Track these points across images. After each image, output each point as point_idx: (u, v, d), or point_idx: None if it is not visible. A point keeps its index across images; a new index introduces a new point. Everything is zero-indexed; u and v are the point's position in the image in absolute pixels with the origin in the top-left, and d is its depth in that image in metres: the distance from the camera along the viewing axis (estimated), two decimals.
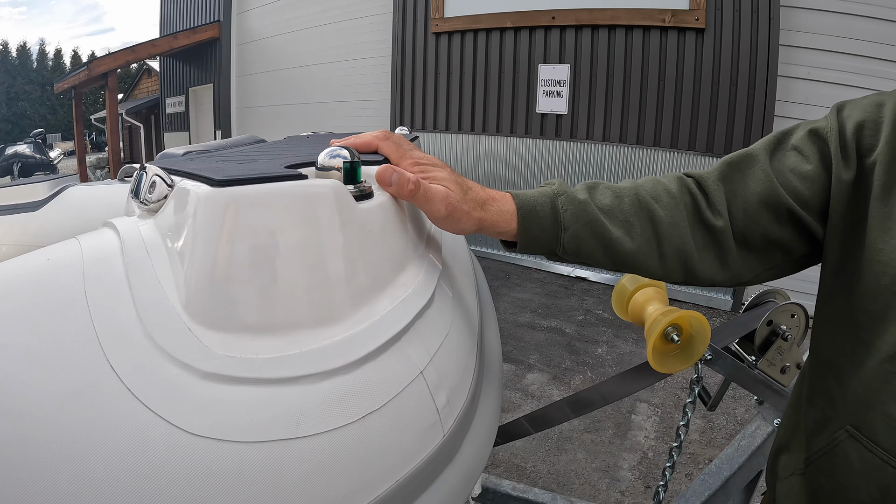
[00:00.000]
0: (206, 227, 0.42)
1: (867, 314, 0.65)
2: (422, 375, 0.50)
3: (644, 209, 0.70)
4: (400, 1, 6.12)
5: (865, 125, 0.68)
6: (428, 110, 6.13)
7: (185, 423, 0.38)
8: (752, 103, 4.72)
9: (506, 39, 5.58)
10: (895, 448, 0.61)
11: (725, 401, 3.30)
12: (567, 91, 5.44)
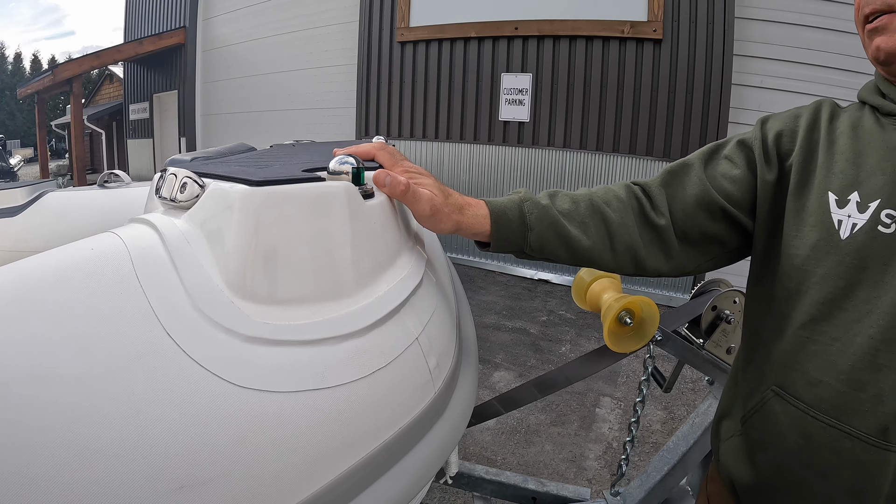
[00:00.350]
0: (246, 218, 0.51)
1: (785, 291, 0.77)
2: (417, 341, 0.60)
3: (597, 212, 0.81)
4: (366, 10, 6.20)
5: (784, 134, 0.81)
6: (393, 118, 6.22)
7: (232, 377, 0.46)
8: (708, 110, 4.97)
9: (469, 49, 5.72)
10: (813, 401, 0.72)
11: (685, 393, 3.48)
12: (529, 99, 5.61)
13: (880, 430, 0.66)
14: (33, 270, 0.52)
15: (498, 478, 1.55)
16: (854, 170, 0.73)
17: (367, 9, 6.19)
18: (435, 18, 5.78)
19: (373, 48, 6.20)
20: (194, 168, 0.62)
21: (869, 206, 0.70)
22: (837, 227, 0.72)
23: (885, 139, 0.72)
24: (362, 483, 0.51)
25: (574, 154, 5.50)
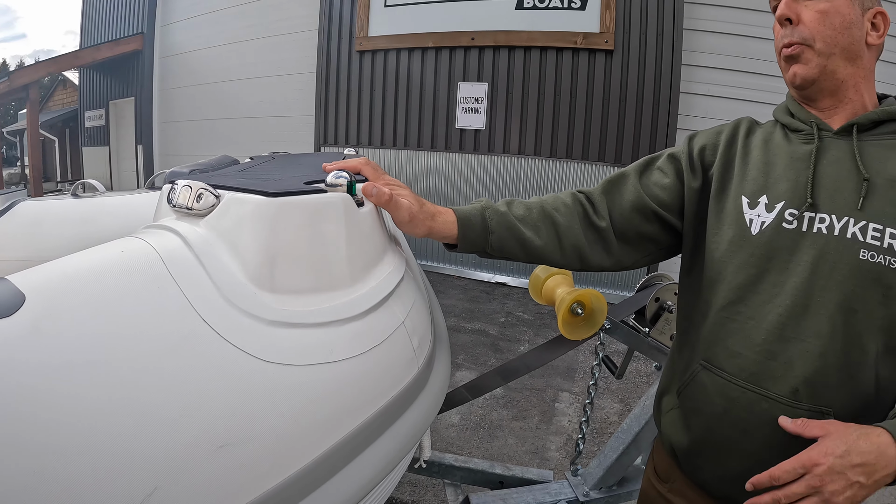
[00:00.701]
0: (265, 223, 0.61)
1: (708, 280, 0.90)
2: (403, 325, 0.72)
3: (548, 217, 0.94)
4: (325, 19, 6.23)
5: (707, 148, 0.96)
6: (351, 126, 6.28)
7: (259, 354, 0.57)
8: (657, 117, 5.22)
9: (427, 58, 5.84)
10: (734, 370, 0.84)
11: (640, 386, 3.68)
12: (485, 108, 5.75)
13: (791, 392, 0.78)
14: (69, 271, 0.60)
15: (466, 464, 1.67)
16: (764, 177, 0.87)
17: (326, 18, 6.23)
18: (393, 28, 5.87)
19: (332, 57, 6.25)
20: (206, 180, 0.72)
21: (775, 206, 0.83)
22: (749, 224, 0.85)
23: (790, 151, 0.86)
24: (365, 441, 0.63)
25: (529, 160, 5.67)
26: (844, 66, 0.83)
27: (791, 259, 0.81)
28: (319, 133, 6.42)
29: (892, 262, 0.75)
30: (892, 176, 0.78)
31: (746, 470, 0.81)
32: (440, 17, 5.67)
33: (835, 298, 0.78)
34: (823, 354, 0.78)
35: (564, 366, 3.92)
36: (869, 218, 0.77)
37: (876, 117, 0.82)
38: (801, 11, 0.83)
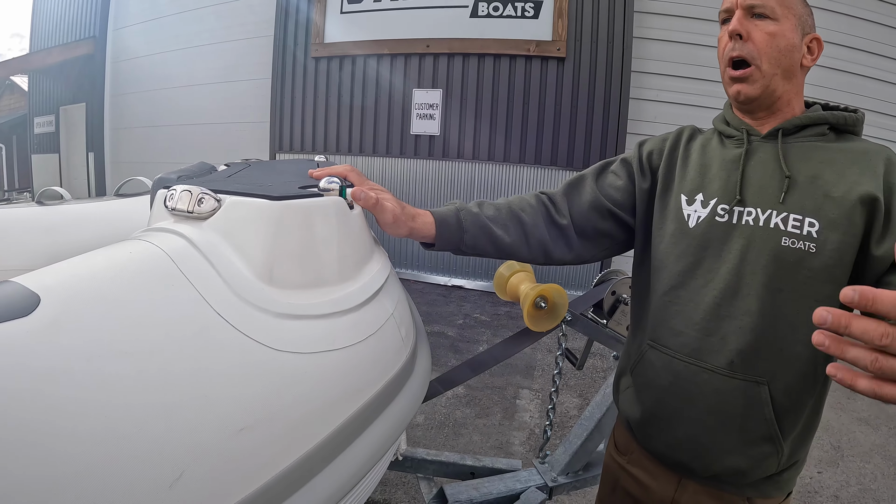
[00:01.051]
0: (271, 224, 0.66)
1: (654, 269, 1.01)
2: (392, 317, 0.78)
3: (515, 216, 1.03)
4: (280, 25, 6.20)
5: (654, 152, 1.07)
6: (307, 132, 6.26)
7: (270, 343, 0.62)
8: (607, 123, 5.43)
9: (382, 65, 5.90)
10: (677, 347, 0.94)
11: (597, 381, 3.83)
12: (439, 114, 5.85)
13: (728, 363, 0.88)
14: (80, 272, 0.64)
15: (438, 458, 1.73)
16: (700, 178, 0.97)
17: (281, 24, 6.19)
18: (349, 35, 5.91)
19: (287, 63, 6.21)
20: (207, 185, 0.76)
21: (709, 202, 0.94)
22: (687, 219, 0.96)
23: (723, 154, 0.97)
24: (366, 422, 0.69)
25: (482, 165, 5.79)
26: (782, 85, 0.92)
27: (723, 248, 0.91)
28: (275, 139, 6.36)
29: (812, 248, 0.85)
30: (811, 173, 0.88)
31: (692, 436, 0.93)
32: (396, 24, 5.74)
33: (761, 280, 0.87)
34: (754, 329, 0.87)
35: (523, 364, 4.04)
36: (790, 210, 0.86)
37: (799, 122, 0.92)
38: (752, 30, 0.91)
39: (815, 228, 0.85)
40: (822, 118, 0.92)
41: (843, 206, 0.84)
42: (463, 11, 5.58)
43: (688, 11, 5.34)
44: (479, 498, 1.52)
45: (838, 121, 0.92)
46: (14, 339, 0.53)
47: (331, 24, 5.99)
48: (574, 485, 1.64)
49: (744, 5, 0.91)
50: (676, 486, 0.99)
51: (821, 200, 0.86)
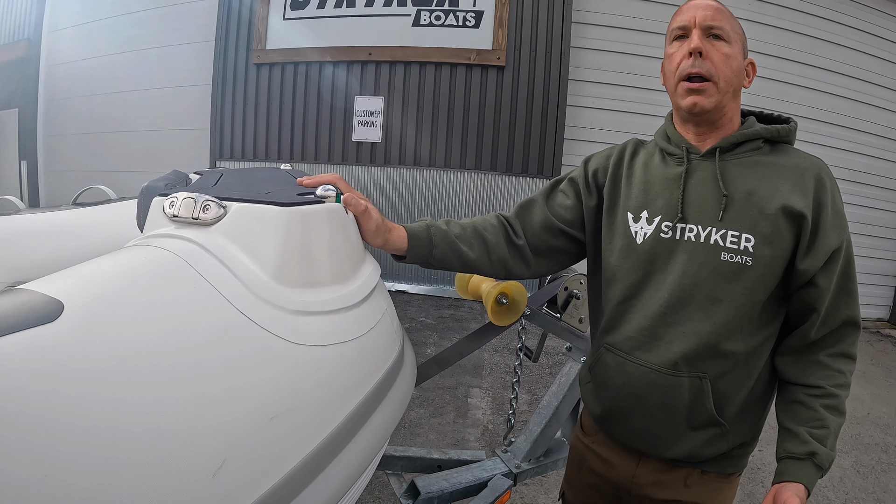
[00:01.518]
0: (282, 229, 0.72)
1: (605, 280, 1.10)
2: (386, 311, 0.85)
3: (479, 235, 1.10)
4: (222, 30, 6.07)
5: (599, 171, 1.14)
6: (248, 139, 6.15)
7: (289, 337, 0.68)
8: (545, 129, 5.65)
9: (324, 72, 5.90)
10: (629, 349, 1.03)
11: (544, 377, 3.99)
12: (381, 121, 5.91)
13: (673, 364, 0.97)
14: (98, 277, 0.67)
15: (406, 454, 1.78)
16: (644, 195, 1.04)
17: (223, 29, 6.07)
18: (291, 42, 5.87)
19: (228, 69, 6.08)
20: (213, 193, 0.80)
21: (654, 220, 1.01)
22: (634, 236, 1.03)
23: (665, 173, 1.03)
24: (373, 406, 0.75)
25: (423, 171, 5.88)
26: (729, 102, 0.99)
27: (669, 262, 0.99)
28: (215, 147, 6.20)
29: (748, 261, 0.93)
30: (747, 189, 0.95)
31: (646, 428, 1.03)
32: (339, 31, 5.76)
33: (703, 291, 0.96)
34: (697, 334, 0.96)
35: (472, 364, 4.14)
36: (727, 227, 0.94)
37: (735, 140, 0.99)
38: (710, 49, 0.96)
39: (751, 244, 0.93)
40: (756, 133, 0.99)
41: (775, 223, 0.92)
42: (405, 20, 5.67)
43: (623, 23, 5.68)
44: (450, 488, 1.58)
45: (772, 134, 0.99)
46: (47, 342, 0.55)
47: (273, 30, 5.93)
48: (536, 470, 1.73)
49: (702, 26, 0.96)
50: (637, 463, 1.08)
51: (756, 217, 0.93)
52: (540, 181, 5.69)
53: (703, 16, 0.96)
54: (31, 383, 0.51)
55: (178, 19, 6.54)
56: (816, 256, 0.93)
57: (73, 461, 0.49)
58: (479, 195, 5.84)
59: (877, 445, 3.34)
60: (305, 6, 5.85)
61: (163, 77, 6.63)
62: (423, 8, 5.65)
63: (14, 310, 0.59)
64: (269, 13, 5.92)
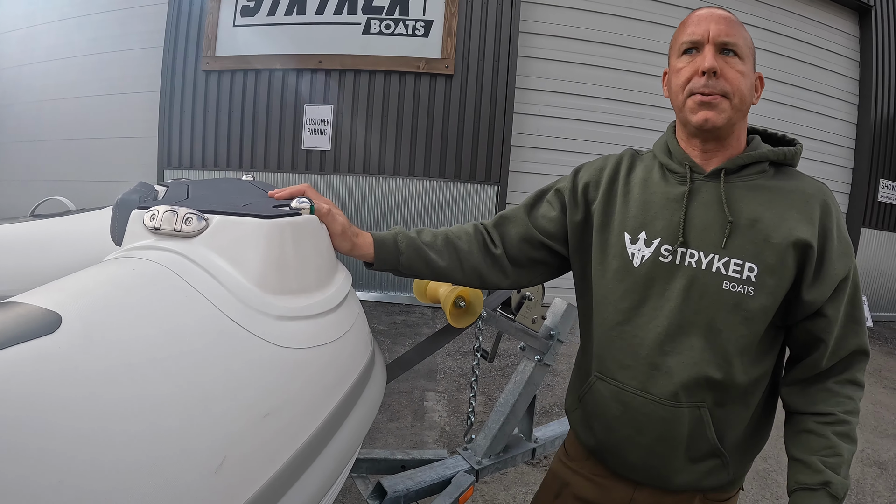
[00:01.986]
0: (265, 240, 0.77)
1: (597, 303, 1.03)
2: (359, 315, 0.92)
3: (451, 244, 1.08)
4: (171, 36, 5.94)
5: (590, 184, 1.07)
6: (196, 147, 6.02)
7: (276, 341, 0.73)
8: (493, 136, 5.80)
9: (274, 80, 5.87)
10: (625, 379, 0.97)
11: (497, 379, 4.10)
12: (330, 129, 5.92)
13: (672, 395, 0.93)
14: (92, 288, 0.70)
15: (370, 455, 1.84)
16: (643, 215, 0.97)
17: (172, 35, 5.94)
18: (241, 49, 5.82)
19: (177, 75, 5.95)
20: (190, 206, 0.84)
21: (653, 242, 0.95)
22: (631, 258, 0.97)
23: (666, 191, 0.97)
24: (353, 401, 0.81)
25: (373, 179, 5.93)
26: (739, 119, 0.94)
27: (667, 287, 0.94)
28: (163, 155, 6.04)
29: (750, 291, 0.89)
30: (752, 216, 0.90)
31: (644, 460, 0.98)
32: (288, 39, 5.75)
33: (703, 320, 0.91)
34: (696, 364, 0.92)
35: (426, 369, 4.20)
36: (731, 255, 0.90)
37: (742, 162, 0.94)
38: (724, 67, 0.90)
39: (754, 273, 0.89)
40: (763, 156, 0.94)
41: (780, 253, 0.89)
42: (355, 28, 5.72)
43: (568, 32, 5.92)
44: (415, 486, 1.64)
45: (778, 157, 0.95)
46: (51, 352, 0.58)
47: (223, 37, 5.85)
48: (497, 466, 1.82)
49: (716, 41, 0.90)
50: (634, 489, 1.04)
51: (761, 245, 0.89)
52: (488, 188, 5.84)
53: (717, 30, 0.90)
54: (40, 391, 0.54)
55: (127, 24, 6.36)
56: (823, 287, 0.90)
57: (86, 465, 0.52)
58: (428, 202, 5.93)
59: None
60: (256, 13, 5.81)
61: (109, 83, 6.41)
62: (373, 17, 5.71)
63: (12, 322, 0.62)
64: (220, 19, 5.85)
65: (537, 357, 1.81)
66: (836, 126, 7.13)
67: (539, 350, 1.80)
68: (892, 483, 3.01)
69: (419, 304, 5.91)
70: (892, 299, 7.87)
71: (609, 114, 6.01)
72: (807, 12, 6.78)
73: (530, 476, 2.78)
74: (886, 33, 7.17)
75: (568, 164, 5.91)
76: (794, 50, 6.68)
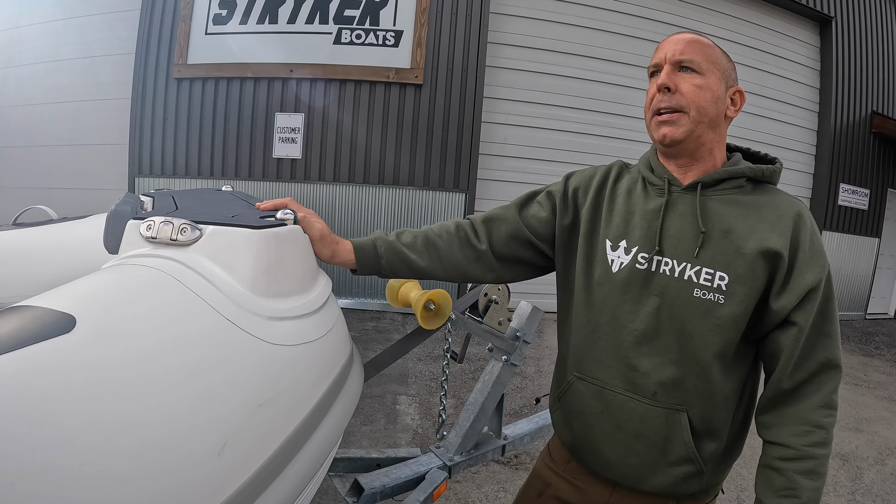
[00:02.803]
0: (255, 248, 0.85)
1: (576, 303, 1.07)
2: (339, 316, 1.00)
3: (431, 243, 1.12)
4: (143, 43, 5.91)
5: (579, 190, 1.11)
6: (167, 155, 5.98)
7: (268, 339, 0.81)
8: (461, 144, 5.92)
9: (246, 88, 5.89)
10: (605, 378, 1.01)
11: (468, 382, 4.19)
12: (301, 137, 5.97)
13: (652, 394, 0.97)
14: (100, 292, 0.77)
15: (346, 455, 1.90)
16: (624, 225, 1.02)
17: (144, 42, 5.91)
18: (213, 57, 5.82)
19: (148, 83, 5.91)
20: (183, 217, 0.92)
21: (631, 250, 1.00)
22: (611, 264, 1.02)
23: (646, 203, 1.02)
24: (335, 393, 0.90)
25: (343, 187, 6.00)
26: (706, 133, 0.97)
27: (643, 293, 0.99)
28: (133, 163, 5.97)
29: (721, 299, 0.92)
30: (725, 227, 0.94)
31: (621, 457, 1.02)
32: (260, 48, 5.78)
33: (676, 325, 0.95)
34: (671, 365, 0.96)
35: (397, 373, 4.27)
36: (702, 264, 0.93)
37: (718, 176, 0.97)
38: (680, 83, 0.95)
39: (724, 282, 0.92)
40: (740, 172, 0.98)
41: (750, 263, 0.92)
42: (327, 38, 5.78)
43: (535, 43, 6.09)
44: (391, 483, 1.71)
45: (756, 174, 0.98)
46: (69, 349, 0.66)
47: (195, 45, 5.85)
48: (468, 462, 1.90)
49: (672, 60, 0.96)
50: (611, 492, 1.07)
51: (732, 255, 0.93)
52: (456, 195, 5.94)
53: (673, 51, 0.96)
54: (63, 382, 0.62)
55: (98, 30, 6.29)
56: (791, 295, 0.92)
57: (105, 446, 0.60)
58: (398, 209, 6.01)
59: None
60: (228, 21, 5.83)
61: (80, 90, 6.30)
62: (345, 26, 5.79)
63: (30, 323, 0.69)
64: (192, 27, 5.84)
65: (504, 357, 1.90)
66: (796, 133, 7.51)
67: (506, 351, 1.89)
68: (853, 474, 3.19)
69: (390, 311, 5.98)
70: (852, 299, 8.30)
71: (574, 122, 6.21)
72: (768, 23, 7.14)
73: (501, 475, 2.87)
74: (846, 43, 7.61)
75: (534, 171, 6.07)
76: (756, 60, 7.02)
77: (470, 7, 5.83)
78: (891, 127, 8.02)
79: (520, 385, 4.22)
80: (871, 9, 7.93)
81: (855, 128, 7.85)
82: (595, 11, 6.24)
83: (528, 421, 2.21)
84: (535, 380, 4.35)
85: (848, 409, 4.28)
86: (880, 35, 8.06)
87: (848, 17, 7.63)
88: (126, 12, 6.08)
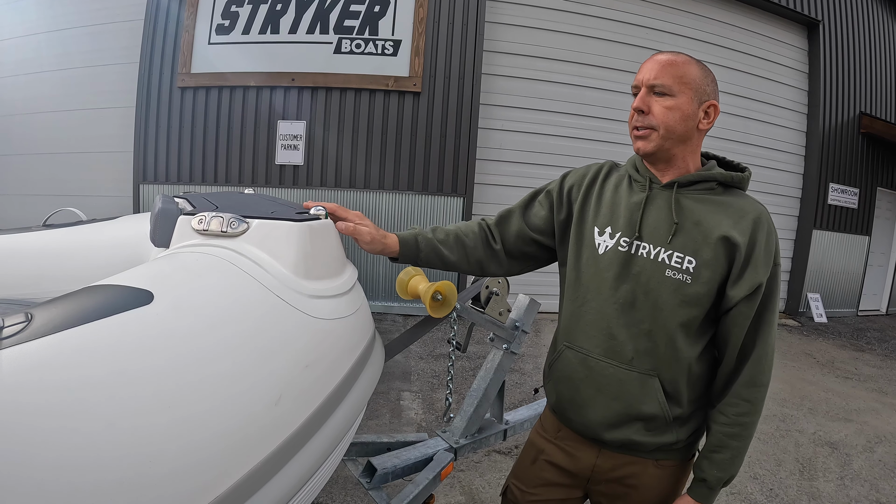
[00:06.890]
0: (296, 237, 0.99)
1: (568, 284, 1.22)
2: (364, 300, 1.14)
3: (459, 241, 1.27)
4: (147, 52, 5.98)
5: (573, 187, 1.25)
6: (172, 162, 6.08)
7: (309, 312, 0.96)
8: (459, 150, 6.02)
9: (248, 97, 5.98)
10: (590, 347, 1.14)
11: (468, 379, 4.31)
12: (303, 144, 6.06)
13: (629, 361, 1.10)
14: (167, 273, 0.91)
15: (359, 440, 2.02)
16: (610, 214, 1.16)
17: (148, 51, 5.98)
18: (216, 66, 5.91)
19: (152, 91, 5.99)
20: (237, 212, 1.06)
21: (615, 235, 1.14)
22: (598, 247, 1.16)
23: (630, 197, 1.16)
24: (363, 363, 1.04)
25: (345, 192, 6.07)
26: (676, 146, 1.10)
27: (623, 272, 1.12)
28: (138, 170, 6.07)
29: (688, 280, 1.06)
30: (695, 220, 1.08)
31: (601, 416, 1.15)
32: (262, 57, 5.87)
33: (650, 301, 1.09)
34: (645, 335, 1.10)
35: (400, 371, 4.38)
36: (674, 249, 1.08)
37: (692, 178, 1.11)
38: (652, 105, 1.08)
39: (692, 265, 1.07)
40: (711, 176, 1.11)
41: (714, 249, 1.06)
42: (327, 47, 5.89)
43: (529, 51, 6.23)
44: (401, 464, 1.83)
45: (726, 179, 1.11)
46: (151, 317, 0.80)
47: (198, 54, 5.93)
48: (473, 445, 2.02)
49: (647, 84, 1.09)
50: (597, 455, 1.20)
51: (700, 243, 1.07)
52: (454, 199, 6.05)
53: (649, 74, 1.08)
54: (149, 346, 0.76)
55: (101, 38, 6.36)
56: (742, 286, 1.06)
57: (187, 394, 0.75)
58: (398, 213, 6.10)
59: (775, 416, 3.88)
60: (231, 31, 5.93)
61: (85, 98, 6.38)
62: (345, 36, 5.91)
63: (113, 297, 0.83)
64: (195, 37, 5.93)
65: (505, 346, 2.02)
66: (786, 134, 7.65)
67: (506, 339, 2.01)
68: (842, 461, 3.31)
69: (392, 312, 6.09)
70: (842, 296, 8.43)
71: (568, 127, 6.35)
72: (757, 28, 7.30)
73: (503, 464, 2.99)
74: (833, 46, 7.77)
75: (530, 175, 6.20)
76: (745, 64, 7.17)
77: (466, 16, 5.96)
78: (879, 127, 8.18)
79: (518, 381, 4.34)
80: (858, 12, 8.11)
81: (844, 128, 8.00)
82: (588, 19, 6.39)
83: (528, 408, 2.33)
84: (532, 375, 4.47)
85: (839, 400, 4.41)
86: (867, 37, 8.24)
87: (835, 21, 7.80)
88: (130, 22, 6.17)
